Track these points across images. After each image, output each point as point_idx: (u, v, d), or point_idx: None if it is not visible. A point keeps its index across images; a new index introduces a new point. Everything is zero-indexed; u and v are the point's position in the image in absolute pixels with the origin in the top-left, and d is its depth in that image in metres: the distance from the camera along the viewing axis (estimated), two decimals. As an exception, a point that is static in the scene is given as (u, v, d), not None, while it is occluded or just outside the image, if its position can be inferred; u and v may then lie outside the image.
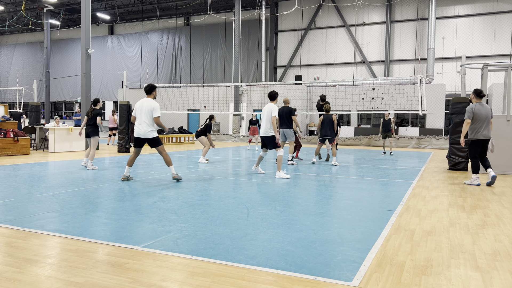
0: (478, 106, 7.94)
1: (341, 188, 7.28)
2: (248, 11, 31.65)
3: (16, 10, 34.20)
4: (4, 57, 42.44)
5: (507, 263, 3.47)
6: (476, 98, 8.08)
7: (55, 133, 14.12)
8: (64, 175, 8.34)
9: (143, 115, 7.59)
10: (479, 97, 8.08)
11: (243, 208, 5.36)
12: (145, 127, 7.59)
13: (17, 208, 5.16)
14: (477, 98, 8.08)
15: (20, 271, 3.07)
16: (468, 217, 5.18)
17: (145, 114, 7.57)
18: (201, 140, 11.71)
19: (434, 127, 23.75)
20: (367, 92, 25.19)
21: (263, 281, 2.96)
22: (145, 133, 7.61)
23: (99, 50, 36.65)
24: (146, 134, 7.62)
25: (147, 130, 7.59)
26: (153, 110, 7.57)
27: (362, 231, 4.35)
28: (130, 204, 5.56)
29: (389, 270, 3.23)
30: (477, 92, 8.09)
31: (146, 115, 7.57)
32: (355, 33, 28.89)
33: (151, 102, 7.64)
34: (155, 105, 7.60)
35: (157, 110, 7.59)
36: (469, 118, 7.88)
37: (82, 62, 15.63)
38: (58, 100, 39.49)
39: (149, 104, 7.60)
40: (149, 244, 3.77)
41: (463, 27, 26.27)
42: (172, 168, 7.79)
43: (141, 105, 7.63)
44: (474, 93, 8.11)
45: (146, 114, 7.57)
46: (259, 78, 31.27)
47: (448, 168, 10.83)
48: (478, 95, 8.07)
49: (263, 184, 7.52)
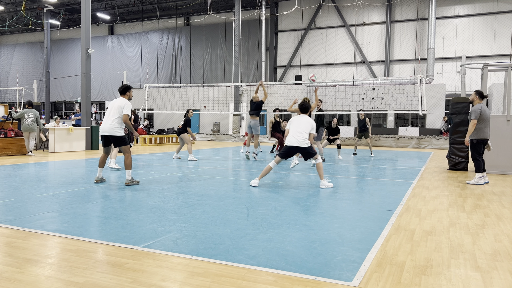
0: (484, 107, 8.04)
1: (341, 188, 7.28)
2: (248, 11, 31.65)
3: (16, 10, 34.21)
4: (4, 57, 42.44)
5: (507, 263, 3.47)
6: (479, 99, 8.14)
7: (55, 133, 14.12)
8: (64, 175, 8.34)
9: (112, 112, 7.32)
10: (482, 98, 8.16)
11: (243, 208, 5.36)
12: (110, 124, 7.29)
13: (17, 208, 5.16)
14: (480, 99, 8.14)
15: (20, 271, 3.07)
16: (468, 217, 5.18)
17: (114, 111, 7.31)
18: (184, 137, 11.86)
19: (434, 127, 23.76)
20: (367, 92, 25.18)
21: (263, 281, 2.96)
22: (110, 130, 7.29)
23: (99, 50, 36.64)
24: (110, 131, 7.29)
25: (112, 126, 7.28)
26: (124, 107, 7.28)
27: (362, 231, 4.35)
28: (130, 204, 5.56)
29: (389, 270, 3.23)
30: (480, 93, 8.16)
31: (115, 113, 7.30)
32: (355, 33, 28.89)
33: (123, 100, 7.40)
34: (126, 103, 7.35)
35: (127, 108, 7.29)
36: (477, 119, 7.93)
37: (82, 62, 15.63)
38: (58, 100, 39.50)
39: (120, 102, 7.34)
40: (149, 244, 3.77)
41: (463, 27, 26.27)
42: (129, 172, 7.27)
43: (113, 103, 7.41)
44: (478, 94, 8.16)
45: (115, 111, 7.30)
46: (259, 78, 31.26)
47: (448, 168, 10.83)
48: (481, 96, 8.15)
49: (263, 184, 7.52)
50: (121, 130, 7.35)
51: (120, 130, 7.33)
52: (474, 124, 7.95)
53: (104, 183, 7.39)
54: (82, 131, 15.22)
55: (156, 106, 27.57)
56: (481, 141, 8.07)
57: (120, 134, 7.34)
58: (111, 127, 7.27)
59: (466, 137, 8.07)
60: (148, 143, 20.10)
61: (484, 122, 8.00)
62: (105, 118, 7.42)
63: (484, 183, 8.13)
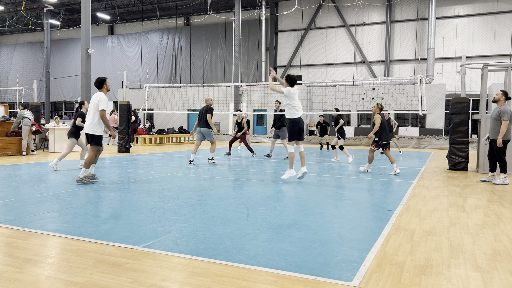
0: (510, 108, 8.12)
1: (341, 188, 7.28)
2: (248, 11, 31.65)
3: (16, 10, 34.20)
4: (4, 57, 42.43)
5: (507, 263, 3.47)
6: (505, 99, 8.21)
7: (55, 133, 14.12)
8: (64, 175, 8.34)
9: (92, 111, 7.33)
10: (508, 98, 8.23)
11: (243, 208, 5.36)
12: (90, 122, 7.30)
13: (17, 208, 5.16)
14: (506, 100, 8.20)
15: (20, 271, 3.07)
16: (468, 217, 5.18)
17: (93, 109, 7.31)
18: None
19: (434, 127, 23.76)
20: (367, 92, 25.18)
21: (263, 281, 2.96)
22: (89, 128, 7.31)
23: (99, 50, 36.64)
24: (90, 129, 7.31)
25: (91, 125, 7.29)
26: (99, 103, 7.25)
27: (362, 231, 4.35)
28: (130, 204, 5.56)
29: (389, 270, 3.23)
30: (506, 93, 8.26)
31: (94, 111, 7.30)
32: (355, 33, 28.88)
33: (98, 95, 7.35)
34: (101, 97, 7.29)
35: (103, 103, 7.23)
36: (509, 119, 7.97)
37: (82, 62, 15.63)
38: (58, 100, 39.48)
39: (96, 98, 7.31)
40: (149, 244, 3.77)
41: (463, 27, 26.27)
42: (84, 171, 7.30)
43: (91, 100, 7.40)
44: (504, 95, 8.22)
45: (94, 109, 7.30)
46: (259, 78, 31.26)
47: (448, 168, 10.83)
48: (507, 96, 8.24)
49: (263, 184, 7.52)
50: (99, 128, 7.35)
51: (98, 128, 7.34)
52: (506, 125, 7.94)
53: (105, 183, 7.39)
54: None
55: (156, 106, 27.58)
56: (507, 142, 8.14)
57: (97, 134, 7.37)
58: (91, 125, 7.32)
59: (499, 138, 7.99)
60: (148, 143, 20.09)
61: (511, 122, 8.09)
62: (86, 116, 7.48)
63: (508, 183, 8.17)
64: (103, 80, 7.55)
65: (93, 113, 7.34)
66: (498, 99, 8.23)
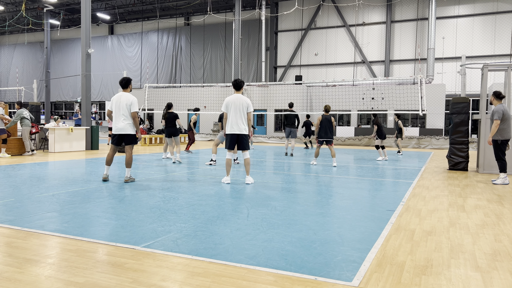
0: (505, 107, 8.15)
1: (341, 188, 7.28)
2: (248, 11, 31.65)
3: (16, 10, 34.21)
4: (4, 57, 42.44)
5: (507, 263, 3.47)
6: (496, 100, 8.26)
7: (55, 133, 14.12)
8: (64, 175, 8.34)
9: (122, 111, 7.36)
10: (500, 99, 8.26)
11: (243, 208, 5.36)
12: (123, 122, 7.35)
13: (17, 208, 5.16)
14: (498, 100, 8.24)
15: (20, 271, 3.07)
16: (468, 217, 5.18)
17: (124, 109, 7.35)
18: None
19: (434, 127, 23.75)
20: (367, 92, 25.18)
21: (263, 281, 2.95)
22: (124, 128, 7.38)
23: (99, 50, 36.64)
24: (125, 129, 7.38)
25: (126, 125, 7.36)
26: (131, 104, 7.36)
27: (362, 231, 4.35)
28: (130, 204, 5.56)
29: (389, 270, 3.23)
30: (497, 93, 8.28)
31: (125, 111, 7.35)
32: (355, 33, 28.89)
33: (129, 96, 7.43)
34: (133, 100, 7.40)
35: (135, 105, 7.38)
36: (500, 119, 7.99)
37: (82, 62, 15.63)
38: (58, 100, 39.50)
39: (127, 99, 7.38)
40: (149, 244, 3.77)
41: (463, 27, 26.27)
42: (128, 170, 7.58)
43: (119, 100, 7.39)
44: (494, 95, 8.28)
45: (125, 109, 7.35)
46: (259, 78, 31.27)
47: (448, 168, 10.83)
48: (497, 96, 8.26)
49: (263, 184, 7.52)
50: (133, 128, 7.48)
51: (133, 128, 7.47)
52: (497, 124, 7.98)
53: (105, 183, 7.39)
54: (82, 131, 15.22)
55: (156, 106, 27.57)
56: (505, 141, 8.15)
57: (133, 133, 7.49)
58: (127, 126, 7.39)
59: (489, 137, 8.10)
60: (148, 143, 20.09)
61: (506, 122, 8.08)
62: (116, 116, 7.44)
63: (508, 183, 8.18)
64: (129, 80, 7.69)
65: (124, 113, 7.38)
66: (491, 101, 8.40)
